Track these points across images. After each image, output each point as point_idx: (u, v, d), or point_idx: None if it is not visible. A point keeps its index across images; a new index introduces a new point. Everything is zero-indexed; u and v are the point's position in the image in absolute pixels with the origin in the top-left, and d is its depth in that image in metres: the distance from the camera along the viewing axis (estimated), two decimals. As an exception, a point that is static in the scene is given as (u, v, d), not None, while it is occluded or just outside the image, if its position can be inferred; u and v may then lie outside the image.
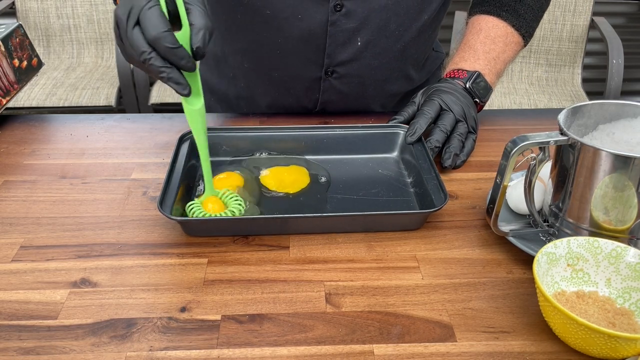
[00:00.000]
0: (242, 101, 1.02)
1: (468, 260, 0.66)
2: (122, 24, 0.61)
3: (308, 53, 0.90)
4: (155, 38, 0.59)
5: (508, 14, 0.92)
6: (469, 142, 0.83)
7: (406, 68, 0.98)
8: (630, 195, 0.58)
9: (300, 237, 0.68)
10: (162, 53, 0.60)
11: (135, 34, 0.60)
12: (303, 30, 0.88)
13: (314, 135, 0.84)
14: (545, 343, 0.55)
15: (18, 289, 0.61)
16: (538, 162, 0.62)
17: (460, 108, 0.83)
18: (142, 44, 0.60)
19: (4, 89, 0.90)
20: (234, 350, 0.54)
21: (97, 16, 2.47)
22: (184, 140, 0.81)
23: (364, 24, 0.88)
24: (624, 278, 0.58)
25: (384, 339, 0.55)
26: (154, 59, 0.60)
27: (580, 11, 2.37)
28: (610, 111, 0.65)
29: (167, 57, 0.61)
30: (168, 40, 0.59)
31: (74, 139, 0.90)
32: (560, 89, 2.37)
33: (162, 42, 0.59)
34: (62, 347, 0.54)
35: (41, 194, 0.76)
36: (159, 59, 0.60)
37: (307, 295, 0.60)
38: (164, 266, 0.64)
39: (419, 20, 0.91)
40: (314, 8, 0.86)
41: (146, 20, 0.59)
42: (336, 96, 0.96)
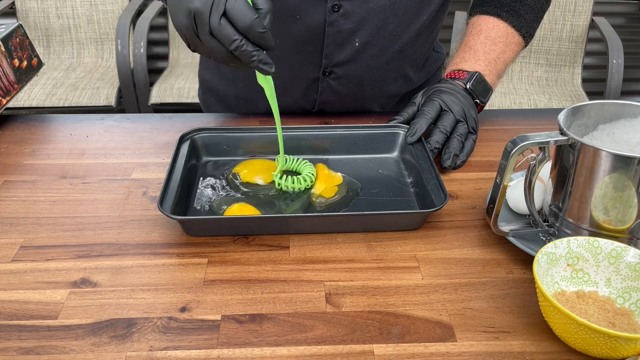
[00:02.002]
0: (242, 101, 1.02)
1: (468, 260, 0.66)
2: (204, 18, 0.63)
3: (306, 53, 0.90)
4: (249, 26, 0.62)
5: (508, 14, 0.92)
6: (469, 142, 0.83)
7: (405, 69, 0.98)
8: (630, 195, 0.58)
9: (300, 237, 0.68)
10: (254, 38, 0.64)
11: (224, 24, 0.63)
12: (301, 31, 0.88)
13: (314, 135, 0.84)
14: (545, 343, 0.55)
15: (18, 289, 0.61)
16: (538, 162, 0.62)
17: (460, 108, 0.83)
18: (233, 33, 0.63)
19: (4, 89, 0.90)
20: (234, 350, 0.54)
21: (97, 16, 2.47)
22: (184, 140, 0.81)
23: (361, 25, 0.88)
24: (624, 278, 0.58)
25: (384, 339, 0.55)
26: (245, 45, 0.64)
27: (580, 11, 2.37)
28: (610, 111, 0.65)
29: (257, 42, 0.64)
30: (260, 26, 0.63)
31: (74, 139, 0.90)
32: (560, 89, 2.37)
33: (255, 28, 0.63)
34: (62, 347, 0.54)
35: (41, 194, 0.76)
36: (250, 45, 0.64)
37: (307, 295, 0.60)
38: (164, 266, 0.64)
39: (418, 21, 0.91)
40: (311, 8, 0.86)
41: (235, 11, 0.62)
42: (334, 97, 0.96)
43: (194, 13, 0.63)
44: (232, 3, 0.62)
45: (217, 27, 0.63)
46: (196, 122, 0.95)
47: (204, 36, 0.64)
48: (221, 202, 0.73)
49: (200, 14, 0.63)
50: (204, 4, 0.63)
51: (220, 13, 0.62)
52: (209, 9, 0.62)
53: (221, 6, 0.62)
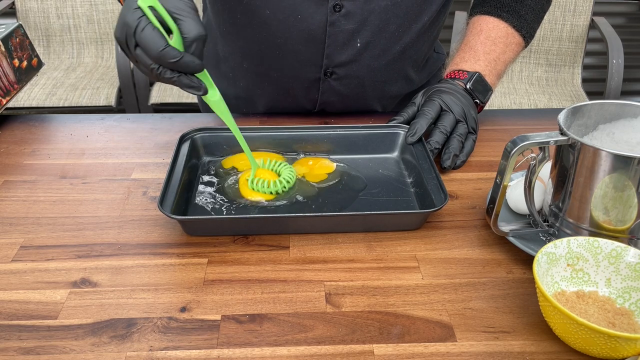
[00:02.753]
0: (242, 101, 1.02)
1: (468, 260, 0.66)
2: (124, 48, 0.65)
3: (307, 54, 0.90)
4: (157, 57, 0.63)
5: (509, 14, 0.92)
6: (469, 142, 0.83)
7: (406, 69, 0.98)
8: (630, 195, 0.58)
9: (300, 237, 0.68)
10: (169, 67, 0.64)
11: (139, 54, 0.64)
12: (302, 31, 0.88)
13: (314, 135, 0.84)
14: (545, 343, 0.55)
15: (18, 289, 0.61)
16: (538, 162, 0.62)
17: (460, 108, 0.83)
18: (148, 62, 0.64)
19: (4, 89, 0.90)
20: (234, 350, 0.54)
21: (97, 16, 2.47)
22: (184, 140, 0.81)
23: (363, 25, 0.88)
24: (624, 278, 0.58)
25: (384, 339, 0.55)
26: (163, 71, 0.64)
27: (580, 11, 2.37)
28: (610, 111, 0.65)
29: (174, 69, 0.65)
30: (170, 56, 0.63)
31: (74, 139, 0.90)
32: (560, 89, 2.37)
33: (164, 59, 0.63)
34: (62, 347, 0.54)
35: (41, 194, 0.76)
36: (168, 71, 0.65)
37: (307, 295, 0.60)
38: (164, 266, 0.64)
39: (419, 21, 0.91)
40: (313, 8, 0.86)
41: (143, 42, 0.63)
42: (335, 97, 0.96)
43: (118, 42, 0.66)
44: (139, 35, 0.63)
45: (135, 56, 0.65)
46: (196, 122, 0.95)
47: (132, 61, 0.66)
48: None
49: (121, 43, 0.65)
50: (121, 34, 0.64)
51: (134, 43, 0.64)
52: (124, 40, 0.64)
53: (132, 37, 0.63)
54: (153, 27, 0.63)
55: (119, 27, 0.65)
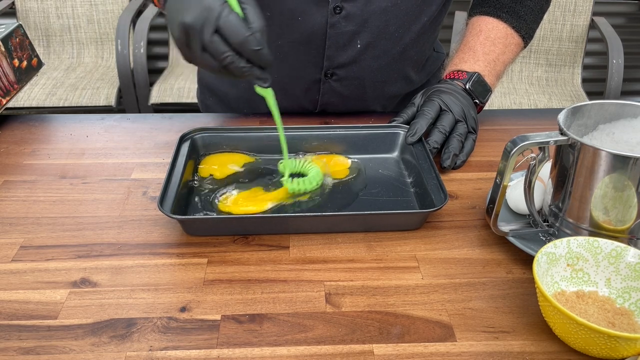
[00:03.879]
0: (243, 102, 1.02)
1: (468, 260, 0.66)
2: (195, 33, 0.62)
3: (307, 55, 0.90)
4: (241, 42, 0.62)
5: (508, 15, 0.92)
6: (469, 142, 0.83)
7: (406, 69, 0.98)
8: (630, 195, 0.58)
9: (300, 237, 0.68)
10: (248, 55, 0.63)
11: (216, 40, 0.62)
12: (303, 33, 0.88)
13: (314, 135, 0.84)
14: (545, 343, 0.55)
15: (18, 289, 0.61)
16: (538, 162, 0.62)
17: (460, 108, 0.83)
18: (225, 49, 0.62)
19: (4, 89, 0.90)
20: (234, 350, 0.54)
21: (97, 16, 2.47)
22: (184, 140, 0.81)
23: (363, 27, 0.88)
24: (624, 278, 0.58)
25: (384, 338, 0.55)
26: (238, 61, 0.63)
27: (580, 11, 2.37)
28: (610, 111, 0.65)
29: (252, 59, 0.64)
30: (255, 43, 0.62)
31: (74, 139, 0.90)
32: (560, 89, 2.37)
33: (247, 46, 0.62)
34: (62, 347, 0.54)
35: (41, 194, 0.76)
36: (243, 61, 0.64)
37: (307, 295, 0.60)
38: (164, 266, 0.64)
39: (419, 22, 0.91)
40: (313, 10, 0.86)
41: (228, 27, 0.61)
42: (336, 98, 0.96)
43: (186, 28, 0.63)
44: (225, 19, 0.61)
45: (209, 42, 0.62)
46: (196, 122, 0.95)
47: (196, 51, 0.64)
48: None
49: (192, 29, 0.62)
50: (196, 19, 0.62)
51: (213, 29, 0.62)
52: (201, 25, 0.62)
53: (213, 22, 0.61)
54: (238, 14, 0.62)
55: (194, 11, 0.61)
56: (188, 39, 0.63)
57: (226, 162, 0.80)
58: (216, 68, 0.65)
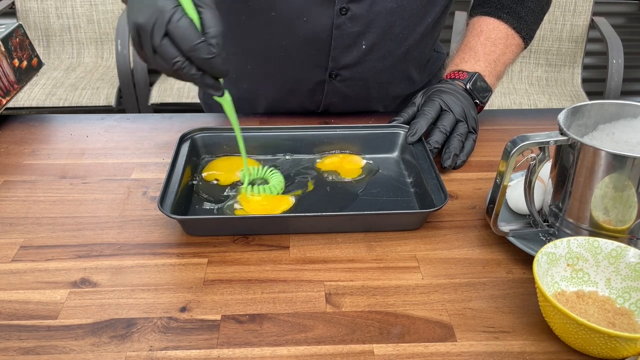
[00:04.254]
0: (244, 102, 1.02)
1: (468, 260, 0.66)
2: (146, 35, 0.60)
3: (312, 56, 0.90)
4: (189, 51, 0.60)
5: (509, 15, 0.92)
6: (469, 142, 0.83)
7: (409, 70, 0.98)
8: (630, 195, 0.58)
9: (300, 237, 0.68)
10: (198, 63, 0.61)
11: (165, 44, 0.60)
12: (308, 33, 0.88)
13: (314, 135, 0.84)
14: (545, 343, 0.55)
15: (18, 289, 0.61)
16: (538, 162, 0.62)
17: (460, 108, 0.83)
18: (175, 54, 0.60)
19: (4, 89, 0.90)
20: (234, 350, 0.54)
21: (97, 16, 2.47)
22: (184, 140, 0.81)
23: (369, 28, 0.88)
24: (624, 278, 0.58)
25: (384, 338, 0.55)
26: (188, 68, 0.61)
27: (580, 11, 2.37)
28: (610, 111, 0.65)
29: (202, 66, 0.61)
30: (204, 52, 0.60)
31: (74, 139, 0.90)
32: (560, 89, 2.37)
33: (197, 54, 0.60)
34: (62, 347, 0.54)
35: (41, 194, 0.76)
36: (193, 67, 0.61)
37: (307, 295, 0.60)
38: (164, 266, 0.64)
39: (423, 23, 0.91)
40: (319, 11, 0.86)
41: (178, 33, 0.59)
42: (339, 98, 0.96)
43: (137, 28, 0.61)
44: (174, 24, 0.59)
45: (158, 46, 0.60)
46: (196, 122, 0.95)
47: (148, 52, 0.62)
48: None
49: (143, 30, 0.60)
50: (147, 21, 0.60)
51: (162, 33, 0.60)
52: (151, 27, 0.60)
53: (163, 25, 0.59)
54: (190, 20, 0.60)
55: (146, 12, 0.59)
56: (140, 40, 0.62)
57: (233, 169, 0.79)
58: (168, 71, 0.63)
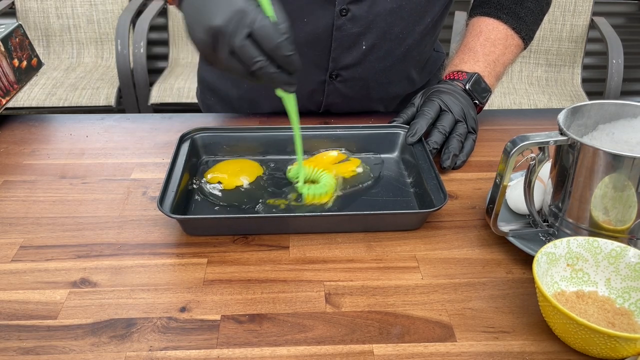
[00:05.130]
0: (245, 103, 1.02)
1: (468, 260, 0.66)
2: (225, 37, 0.60)
3: (313, 57, 0.91)
4: (273, 49, 0.60)
5: (508, 16, 0.92)
6: (469, 142, 0.83)
7: (409, 70, 0.98)
8: (630, 195, 0.58)
9: (300, 237, 0.68)
10: (279, 61, 0.61)
11: (247, 45, 0.60)
12: (308, 34, 0.88)
13: (315, 135, 0.84)
14: (545, 343, 0.55)
15: (18, 289, 0.61)
16: (538, 162, 0.62)
17: (459, 108, 0.83)
18: (257, 54, 0.60)
19: (4, 89, 0.90)
20: (234, 350, 0.54)
21: (97, 16, 2.47)
22: (184, 140, 0.81)
23: (369, 28, 0.88)
24: (624, 278, 0.58)
25: (383, 339, 0.55)
26: (268, 66, 0.61)
27: (580, 11, 2.37)
28: (610, 111, 0.65)
29: (282, 64, 0.62)
30: (287, 49, 0.61)
31: (73, 139, 0.90)
32: (560, 89, 2.37)
33: (280, 51, 0.60)
34: (62, 347, 0.54)
35: (41, 194, 0.76)
36: (273, 66, 0.61)
37: (307, 295, 0.60)
38: (163, 266, 0.64)
39: (423, 23, 0.91)
40: (319, 12, 0.86)
41: (263, 32, 0.59)
42: (340, 99, 0.96)
43: (214, 32, 0.60)
44: (260, 23, 0.59)
45: (240, 47, 0.60)
46: (196, 122, 0.95)
47: (223, 54, 0.61)
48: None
49: (223, 33, 0.59)
50: (227, 23, 0.59)
51: (246, 33, 0.59)
52: (233, 28, 0.59)
53: (245, 27, 0.59)
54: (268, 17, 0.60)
55: (224, 14, 0.59)
56: (215, 43, 0.61)
57: (238, 173, 0.79)
58: (242, 73, 0.62)
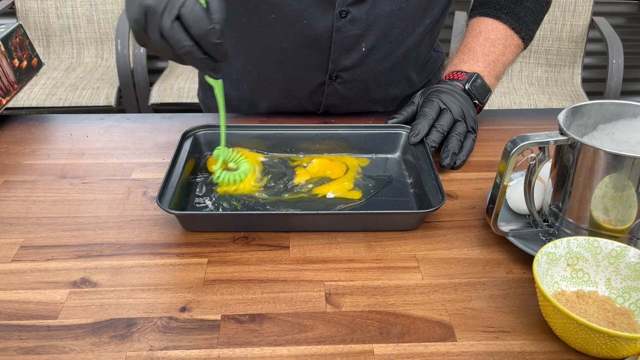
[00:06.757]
0: (244, 103, 1.02)
1: (468, 260, 0.66)
2: (154, 17, 0.61)
3: (312, 58, 0.91)
4: (201, 35, 0.61)
5: (508, 16, 0.92)
6: (468, 142, 0.83)
7: (408, 71, 0.98)
8: (630, 195, 0.58)
9: (300, 237, 0.68)
10: (207, 47, 0.62)
11: (176, 28, 0.61)
12: (308, 36, 0.88)
13: (315, 135, 0.84)
14: (545, 343, 0.55)
15: (18, 289, 0.61)
16: (538, 162, 0.62)
17: (458, 108, 0.83)
18: (185, 39, 0.61)
19: (4, 89, 0.90)
20: (234, 350, 0.54)
21: (97, 16, 2.47)
22: (186, 137, 0.81)
23: (368, 30, 0.88)
24: (624, 278, 0.58)
25: (384, 338, 0.55)
26: (195, 52, 0.62)
27: (580, 11, 2.37)
28: (610, 111, 0.65)
29: (210, 52, 0.63)
30: (215, 36, 0.62)
31: (74, 139, 0.90)
32: (560, 89, 2.37)
33: (208, 39, 0.61)
34: (62, 347, 0.54)
35: (41, 194, 0.76)
36: (200, 52, 0.63)
37: (307, 295, 0.60)
38: (164, 266, 0.64)
39: (422, 24, 0.91)
40: (319, 14, 0.86)
41: (191, 17, 0.60)
42: (339, 100, 0.96)
43: (145, 10, 0.61)
44: (189, 8, 0.60)
45: (168, 29, 0.61)
46: (196, 122, 0.95)
47: (153, 35, 0.62)
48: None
49: (153, 13, 0.61)
50: (157, 3, 0.60)
51: (174, 16, 0.60)
52: (162, 9, 0.60)
53: (175, 9, 0.60)
54: (202, 6, 0.61)
55: None
56: (146, 22, 0.62)
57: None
58: (170, 55, 0.64)
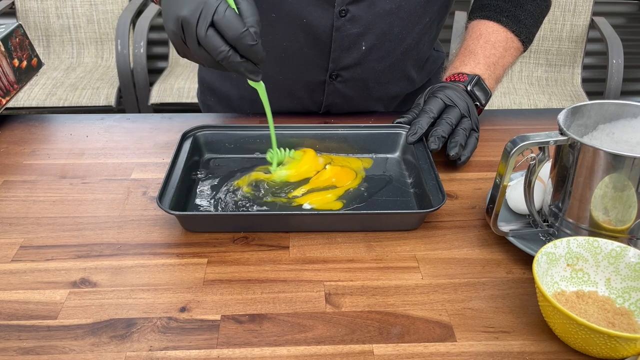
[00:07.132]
0: (245, 103, 1.02)
1: (468, 260, 0.66)
2: (191, 27, 0.63)
3: (313, 57, 0.91)
4: (236, 39, 0.63)
5: (508, 19, 0.92)
6: (472, 139, 0.83)
7: (408, 69, 0.98)
8: (630, 195, 0.58)
9: (300, 237, 0.68)
10: (242, 50, 0.64)
11: (211, 35, 0.63)
12: (308, 35, 0.88)
13: (316, 135, 0.84)
14: (545, 343, 0.55)
15: (18, 289, 0.61)
16: (538, 162, 0.62)
17: (464, 104, 0.83)
18: (221, 44, 0.63)
19: (4, 89, 0.90)
20: (234, 350, 0.54)
21: (97, 16, 2.47)
22: (186, 138, 0.81)
23: (368, 29, 0.88)
24: (624, 278, 0.58)
25: (383, 339, 0.55)
26: (233, 56, 0.64)
27: (580, 11, 2.37)
28: (610, 111, 0.65)
29: (246, 53, 0.65)
30: (250, 38, 0.63)
31: (73, 139, 0.90)
32: (560, 89, 2.37)
33: (243, 42, 0.63)
34: (62, 347, 0.54)
35: (41, 194, 0.76)
36: (237, 56, 0.65)
37: (307, 295, 0.60)
38: (163, 266, 0.64)
39: (422, 22, 0.92)
40: (319, 13, 0.86)
41: (225, 23, 0.62)
42: (340, 99, 0.96)
43: (181, 21, 0.64)
44: (221, 14, 0.62)
45: (204, 37, 0.63)
46: (196, 122, 0.95)
47: (191, 45, 0.65)
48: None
49: (188, 23, 0.63)
50: (192, 13, 0.63)
51: (208, 23, 0.63)
52: (197, 19, 0.63)
53: (209, 16, 0.62)
54: (234, 10, 0.63)
55: (190, 6, 0.63)
56: (183, 33, 0.64)
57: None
58: (210, 62, 0.66)
